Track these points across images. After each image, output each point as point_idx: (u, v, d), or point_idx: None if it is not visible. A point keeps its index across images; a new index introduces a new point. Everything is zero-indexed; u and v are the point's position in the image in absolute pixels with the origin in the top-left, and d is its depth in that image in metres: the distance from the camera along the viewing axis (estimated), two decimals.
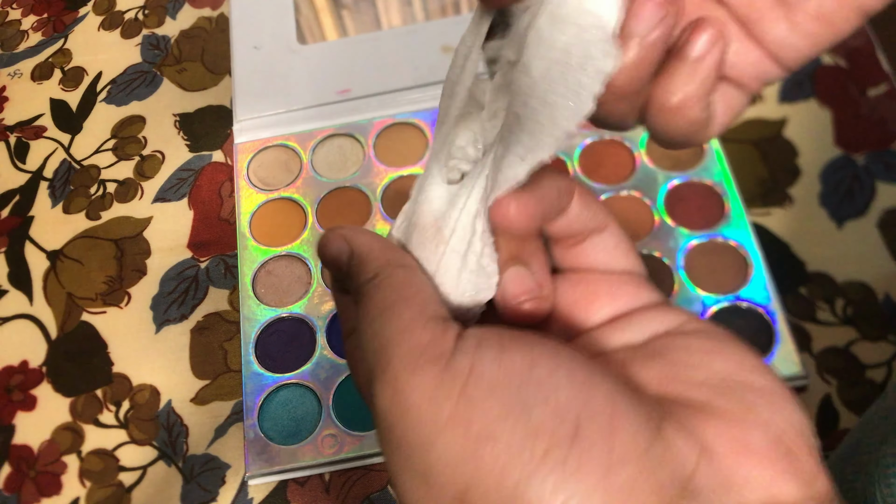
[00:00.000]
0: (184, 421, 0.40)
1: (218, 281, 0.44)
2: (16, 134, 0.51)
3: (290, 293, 0.42)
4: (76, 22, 0.55)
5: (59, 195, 0.48)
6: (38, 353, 0.43)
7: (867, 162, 0.43)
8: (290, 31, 0.49)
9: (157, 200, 0.47)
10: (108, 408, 0.41)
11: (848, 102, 0.44)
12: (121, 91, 0.51)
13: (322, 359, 0.40)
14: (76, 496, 0.39)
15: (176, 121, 0.49)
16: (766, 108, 0.45)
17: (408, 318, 0.18)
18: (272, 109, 0.47)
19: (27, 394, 0.42)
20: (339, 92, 0.47)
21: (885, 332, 0.39)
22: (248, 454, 0.38)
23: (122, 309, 0.44)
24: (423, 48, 0.47)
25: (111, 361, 0.42)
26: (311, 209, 0.44)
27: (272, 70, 0.48)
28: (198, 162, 0.48)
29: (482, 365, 0.17)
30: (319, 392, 0.39)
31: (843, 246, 0.41)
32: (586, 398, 0.16)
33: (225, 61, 0.51)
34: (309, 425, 0.38)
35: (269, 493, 0.38)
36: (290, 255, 0.43)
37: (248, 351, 0.40)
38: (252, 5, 0.50)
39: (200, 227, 0.45)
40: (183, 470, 0.39)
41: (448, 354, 0.17)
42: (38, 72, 0.53)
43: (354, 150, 0.46)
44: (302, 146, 0.46)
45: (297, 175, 0.45)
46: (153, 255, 0.45)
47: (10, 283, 0.45)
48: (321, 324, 0.40)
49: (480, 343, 0.18)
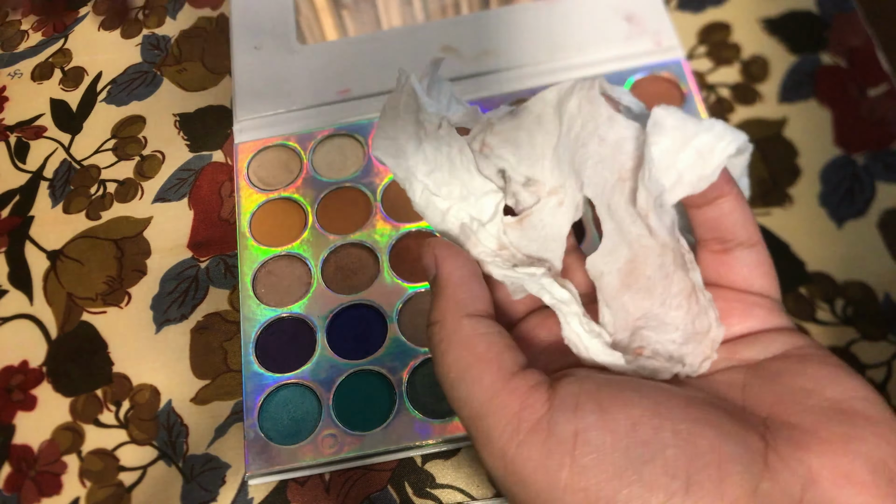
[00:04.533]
0: (184, 421, 0.40)
1: (218, 281, 0.44)
2: (16, 134, 0.51)
3: (291, 293, 0.42)
4: (76, 22, 0.55)
5: (59, 195, 0.48)
6: (39, 352, 0.43)
7: (867, 162, 0.43)
8: (290, 31, 0.49)
9: (158, 200, 0.47)
10: (108, 408, 0.41)
11: (848, 102, 0.45)
12: (121, 91, 0.51)
13: (322, 359, 0.40)
14: (76, 496, 0.39)
15: (176, 121, 0.49)
16: (765, 108, 0.45)
17: (489, 382, 0.19)
18: (272, 109, 0.47)
19: (27, 394, 0.42)
20: (339, 92, 0.47)
21: (885, 332, 0.39)
22: (248, 454, 0.38)
23: (123, 309, 0.44)
24: (423, 48, 0.47)
25: (111, 361, 0.42)
26: (311, 209, 0.44)
27: (272, 70, 0.48)
28: (198, 162, 0.48)
29: (587, 432, 0.17)
30: (319, 392, 0.39)
31: (843, 246, 0.41)
32: (693, 452, 0.17)
33: (225, 61, 0.51)
34: (309, 425, 0.38)
35: (270, 493, 0.38)
36: (290, 255, 0.43)
37: (249, 351, 0.40)
38: (252, 5, 0.50)
39: (200, 227, 0.45)
40: (183, 470, 0.39)
41: (546, 420, 0.18)
42: (38, 72, 0.53)
43: (354, 150, 0.46)
44: (302, 146, 0.46)
45: (297, 175, 0.45)
46: (153, 254, 0.45)
47: (10, 283, 0.45)
48: (321, 324, 0.41)
49: (578, 404, 0.18)
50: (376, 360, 0.39)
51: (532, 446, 0.17)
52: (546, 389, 0.18)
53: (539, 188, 0.24)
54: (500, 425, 0.18)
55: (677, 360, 0.21)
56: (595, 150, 0.22)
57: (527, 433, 0.18)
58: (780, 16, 0.47)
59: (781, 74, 0.46)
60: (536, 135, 0.23)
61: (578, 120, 0.22)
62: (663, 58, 0.45)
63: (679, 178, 0.21)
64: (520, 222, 0.23)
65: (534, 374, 0.19)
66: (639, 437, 0.17)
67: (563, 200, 0.23)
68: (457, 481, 0.38)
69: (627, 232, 0.22)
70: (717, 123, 0.20)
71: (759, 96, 0.45)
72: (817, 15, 0.47)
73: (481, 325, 0.20)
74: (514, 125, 0.23)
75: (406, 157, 0.23)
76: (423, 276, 0.41)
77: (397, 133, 0.23)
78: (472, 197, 0.23)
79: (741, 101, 0.45)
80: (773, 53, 0.46)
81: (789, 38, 0.47)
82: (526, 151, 0.23)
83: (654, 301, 0.21)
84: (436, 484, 0.38)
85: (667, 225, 0.21)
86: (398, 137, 0.23)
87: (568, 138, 0.22)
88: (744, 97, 0.45)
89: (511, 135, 0.23)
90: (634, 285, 0.22)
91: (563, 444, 0.17)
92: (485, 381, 0.19)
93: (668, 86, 0.45)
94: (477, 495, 0.37)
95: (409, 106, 0.23)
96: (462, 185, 0.23)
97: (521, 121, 0.23)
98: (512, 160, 0.24)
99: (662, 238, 0.21)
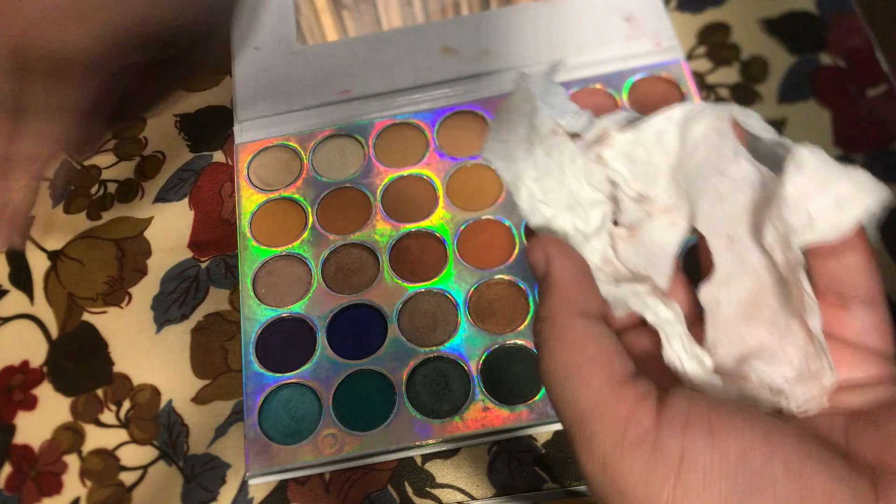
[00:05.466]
0: (184, 420, 0.40)
1: (218, 281, 0.44)
2: None
3: (291, 293, 0.42)
4: None
5: (59, 195, 0.48)
6: (39, 352, 0.43)
7: (866, 162, 0.43)
8: (290, 32, 0.49)
9: (158, 200, 0.47)
10: (108, 407, 0.41)
11: (847, 103, 0.45)
12: None
13: (322, 359, 0.40)
14: (77, 496, 0.39)
15: (176, 121, 0.49)
16: (765, 109, 0.45)
17: (598, 386, 0.18)
18: (272, 110, 0.47)
19: (28, 393, 0.42)
20: (340, 92, 0.47)
21: None
22: (248, 454, 0.38)
23: (123, 309, 0.44)
24: (423, 48, 0.47)
25: (112, 361, 0.42)
26: (311, 209, 0.44)
27: (272, 70, 0.48)
28: (198, 162, 0.48)
29: (695, 452, 0.17)
30: (320, 392, 0.39)
31: None
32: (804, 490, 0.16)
33: (225, 62, 0.51)
34: (309, 425, 0.38)
35: (270, 493, 0.38)
36: (290, 255, 0.43)
37: (249, 351, 0.40)
38: (252, 6, 0.50)
39: (201, 227, 0.46)
40: (183, 469, 0.39)
41: (653, 434, 0.17)
42: None
43: (354, 150, 0.46)
44: (302, 146, 0.46)
45: (297, 175, 0.45)
46: (154, 255, 0.45)
47: (10, 283, 0.45)
48: (321, 324, 0.41)
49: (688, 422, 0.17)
50: (376, 360, 0.39)
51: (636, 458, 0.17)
52: (655, 402, 0.18)
53: (652, 205, 0.23)
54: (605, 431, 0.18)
55: (783, 395, 0.20)
56: (715, 184, 0.21)
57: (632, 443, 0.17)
58: (779, 16, 0.47)
59: (781, 75, 0.46)
60: (655, 153, 0.23)
61: (702, 149, 0.22)
62: (663, 58, 0.45)
63: (810, 222, 0.19)
64: (631, 235, 0.23)
65: (644, 384, 0.19)
66: (748, 466, 0.16)
67: (676, 221, 0.23)
68: (457, 481, 0.38)
69: (751, 265, 0.21)
70: (862, 174, 0.19)
71: (758, 97, 0.45)
72: (816, 15, 0.47)
73: (594, 326, 0.20)
74: (632, 139, 0.23)
75: (516, 160, 0.22)
76: (423, 276, 0.41)
77: (509, 136, 0.22)
78: (580, 207, 0.22)
79: (741, 102, 0.45)
80: (772, 54, 0.46)
81: (788, 38, 0.47)
82: (642, 168, 0.23)
83: (773, 335, 0.21)
84: (436, 484, 0.38)
85: (793, 264, 0.20)
86: (509, 140, 0.22)
87: (688, 164, 0.22)
88: (743, 97, 0.45)
89: (628, 149, 0.23)
90: (755, 317, 0.21)
91: (669, 460, 0.17)
92: (594, 384, 0.18)
93: (667, 86, 0.45)
94: (477, 495, 0.37)
95: (523, 109, 0.22)
96: (570, 193, 0.22)
97: (641, 136, 0.23)
98: (626, 174, 0.23)
99: (788, 276, 0.20)
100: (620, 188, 0.23)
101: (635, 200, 0.23)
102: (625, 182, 0.23)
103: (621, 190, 0.23)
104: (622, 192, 0.23)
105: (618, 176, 0.23)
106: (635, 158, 0.23)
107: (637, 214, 0.23)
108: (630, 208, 0.23)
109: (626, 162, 0.23)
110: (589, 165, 0.23)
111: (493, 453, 0.38)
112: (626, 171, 0.23)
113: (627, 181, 0.23)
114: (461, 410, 0.38)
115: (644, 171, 0.23)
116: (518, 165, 0.22)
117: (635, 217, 0.23)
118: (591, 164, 0.23)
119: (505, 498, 0.37)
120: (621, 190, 0.23)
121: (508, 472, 0.37)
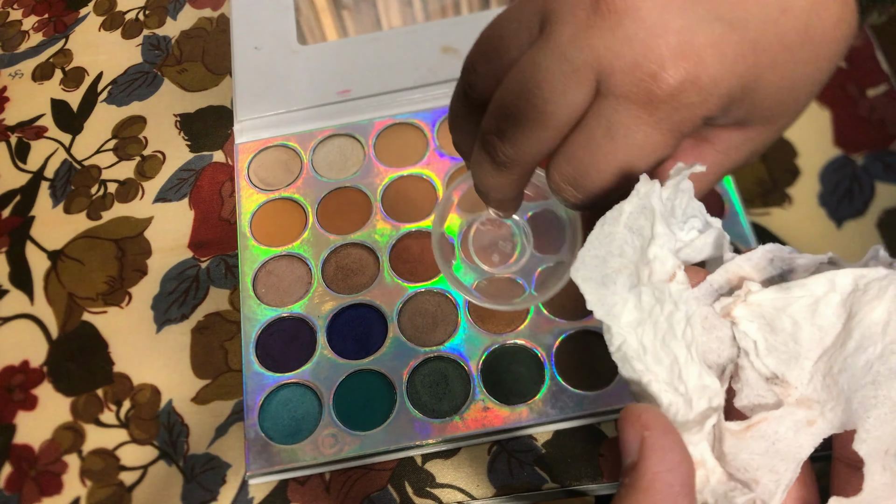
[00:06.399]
0: (184, 420, 0.40)
1: (218, 281, 0.44)
2: (17, 134, 0.51)
3: (291, 293, 0.42)
4: (77, 22, 0.55)
5: (59, 195, 0.48)
6: (39, 352, 0.43)
7: (866, 162, 0.43)
8: (290, 32, 0.49)
9: (158, 200, 0.47)
10: (108, 407, 0.41)
11: (847, 103, 0.45)
12: (121, 91, 0.51)
13: (322, 359, 0.40)
14: (77, 496, 0.39)
15: (176, 121, 0.49)
16: None
17: None
18: (272, 110, 0.47)
19: (28, 393, 0.42)
20: (340, 92, 0.47)
21: None
22: (248, 453, 0.38)
23: (123, 309, 0.44)
24: (423, 48, 0.47)
25: (112, 361, 0.42)
26: (311, 209, 0.44)
27: (272, 70, 0.48)
28: (198, 162, 0.48)
29: None
30: (320, 392, 0.39)
31: (842, 246, 0.41)
32: None
33: (225, 62, 0.51)
34: (309, 425, 0.39)
35: (270, 493, 0.38)
36: (290, 255, 0.43)
37: (249, 350, 0.40)
38: (252, 6, 0.50)
39: (201, 227, 0.46)
40: (184, 469, 0.39)
41: None
42: (38, 72, 0.53)
43: (355, 150, 0.46)
44: (302, 146, 0.46)
45: (297, 175, 0.45)
46: (154, 254, 0.45)
47: (10, 283, 0.45)
48: (321, 324, 0.41)
49: None
50: (376, 360, 0.39)
51: None
52: None
53: (786, 390, 0.18)
54: None
55: None
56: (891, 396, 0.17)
57: None
58: None
59: None
60: (805, 327, 0.18)
61: (879, 342, 0.17)
62: None
63: None
64: (745, 430, 0.18)
65: None
66: None
67: (816, 421, 0.18)
68: (457, 481, 0.38)
69: None
70: None
71: None
72: None
73: None
74: (776, 301, 0.18)
75: (612, 291, 0.17)
76: (423, 276, 0.41)
77: (611, 256, 0.18)
78: (682, 386, 0.17)
79: None
80: None
81: None
82: (782, 340, 0.18)
83: None
84: (436, 483, 0.38)
85: None
86: (609, 262, 0.18)
87: (853, 355, 0.17)
88: None
89: (768, 312, 0.18)
90: None
91: None
92: None
93: None
94: (477, 495, 0.37)
95: (637, 225, 0.17)
96: (672, 363, 0.17)
97: (790, 299, 0.18)
98: (760, 344, 0.18)
99: None
100: (748, 358, 0.18)
101: (766, 379, 0.18)
102: (755, 353, 0.18)
103: (748, 360, 0.18)
104: (749, 362, 0.18)
105: (748, 342, 0.18)
106: (776, 327, 0.18)
107: (763, 396, 0.18)
108: (755, 385, 0.18)
109: (762, 327, 0.18)
110: (712, 320, 0.18)
111: (493, 453, 0.38)
112: (760, 341, 0.18)
113: (759, 353, 0.18)
114: (461, 410, 0.38)
115: (785, 347, 0.18)
116: (615, 297, 0.17)
117: (759, 399, 0.18)
118: (714, 319, 0.18)
119: (505, 498, 0.37)
120: (748, 360, 0.18)
121: (508, 472, 0.37)
